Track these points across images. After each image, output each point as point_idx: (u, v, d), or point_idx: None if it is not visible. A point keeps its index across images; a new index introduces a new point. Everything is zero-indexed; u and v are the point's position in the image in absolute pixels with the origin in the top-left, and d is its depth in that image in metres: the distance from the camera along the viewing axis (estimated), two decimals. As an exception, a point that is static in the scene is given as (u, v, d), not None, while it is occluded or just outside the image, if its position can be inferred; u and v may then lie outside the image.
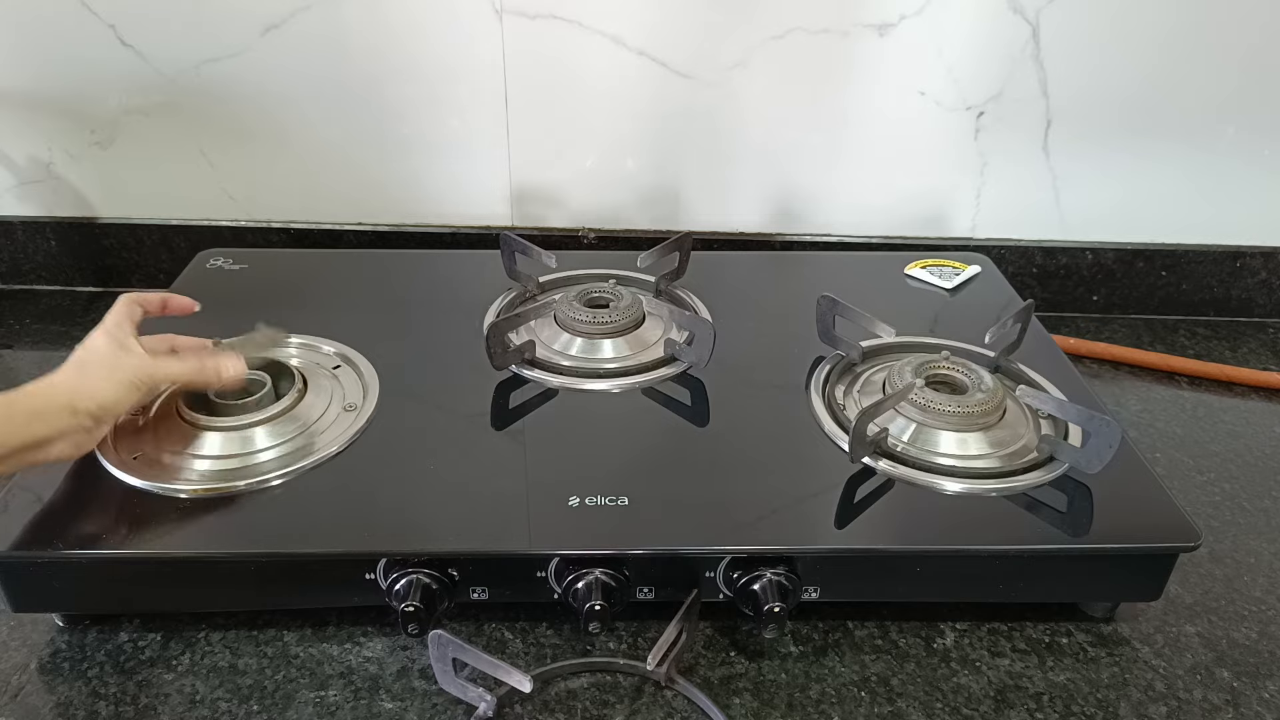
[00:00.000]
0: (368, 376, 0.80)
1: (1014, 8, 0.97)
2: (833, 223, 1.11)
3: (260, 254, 1.04)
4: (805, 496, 0.69)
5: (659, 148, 1.07)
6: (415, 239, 1.11)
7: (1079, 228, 1.10)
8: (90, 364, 0.64)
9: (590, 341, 0.84)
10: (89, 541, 0.63)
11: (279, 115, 1.04)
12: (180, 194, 1.09)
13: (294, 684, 0.64)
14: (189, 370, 0.68)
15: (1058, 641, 0.69)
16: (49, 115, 1.04)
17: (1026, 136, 1.04)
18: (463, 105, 1.03)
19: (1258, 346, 1.08)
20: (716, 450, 0.73)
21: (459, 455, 0.72)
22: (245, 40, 0.99)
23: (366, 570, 0.64)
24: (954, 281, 0.99)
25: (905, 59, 1.00)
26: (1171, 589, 0.72)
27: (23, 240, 1.10)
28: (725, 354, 0.81)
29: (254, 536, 0.64)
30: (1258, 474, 0.86)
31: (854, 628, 0.69)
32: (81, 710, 0.62)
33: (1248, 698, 0.65)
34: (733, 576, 0.64)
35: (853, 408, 0.78)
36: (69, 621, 0.68)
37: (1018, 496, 0.69)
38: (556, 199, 1.10)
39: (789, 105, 1.03)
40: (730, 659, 0.66)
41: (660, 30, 0.99)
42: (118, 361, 0.64)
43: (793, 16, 0.98)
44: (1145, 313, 1.14)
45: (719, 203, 1.10)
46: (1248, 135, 1.03)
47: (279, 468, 0.69)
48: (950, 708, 0.63)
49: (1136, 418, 0.94)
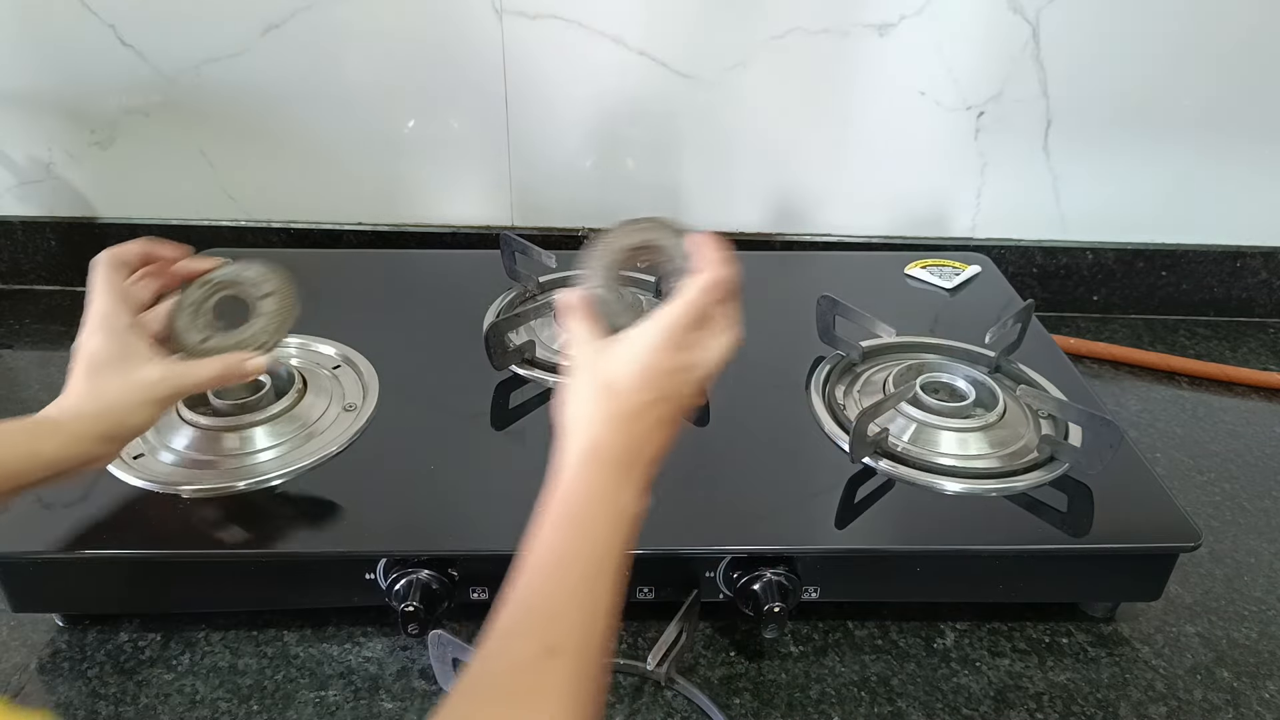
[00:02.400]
0: (368, 376, 0.80)
1: (1014, 8, 0.97)
2: (833, 223, 1.11)
3: (260, 254, 1.03)
4: (805, 496, 0.69)
5: (659, 148, 1.06)
6: (415, 239, 1.11)
7: (1079, 228, 1.10)
8: (102, 374, 0.59)
9: (590, 341, 0.84)
10: (89, 541, 0.63)
11: (279, 115, 1.04)
12: (180, 194, 1.09)
13: (294, 684, 0.64)
14: (215, 375, 0.63)
15: (1058, 641, 0.68)
16: (49, 115, 1.04)
17: (1026, 136, 1.04)
18: (463, 105, 1.03)
19: (1258, 346, 1.08)
20: (716, 450, 0.73)
21: (459, 455, 0.72)
22: (245, 40, 0.99)
23: (366, 570, 0.64)
24: (954, 281, 0.99)
25: (905, 59, 1.00)
26: (1171, 589, 0.72)
27: (23, 240, 1.10)
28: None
29: (254, 536, 0.64)
30: (1258, 474, 0.86)
31: (854, 628, 0.69)
32: (81, 710, 0.62)
33: (1248, 698, 0.65)
34: (733, 576, 0.64)
35: (853, 408, 0.78)
36: (69, 621, 0.68)
37: (1018, 496, 0.69)
38: (556, 199, 1.10)
39: (789, 105, 1.03)
40: (730, 659, 0.66)
41: (660, 30, 0.99)
42: (134, 375, 0.59)
43: (793, 16, 0.98)
44: (1145, 313, 1.14)
45: (719, 203, 1.10)
46: (1247, 135, 1.03)
47: (279, 468, 0.69)
48: (950, 708, 0.63)
49: (1136, 418, 0.94)
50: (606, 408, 0.50)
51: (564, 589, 0.45)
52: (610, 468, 0.49)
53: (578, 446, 0.50)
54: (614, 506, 0.48)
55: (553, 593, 0.45)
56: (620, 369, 0.51)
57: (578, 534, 0.47)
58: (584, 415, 0.51)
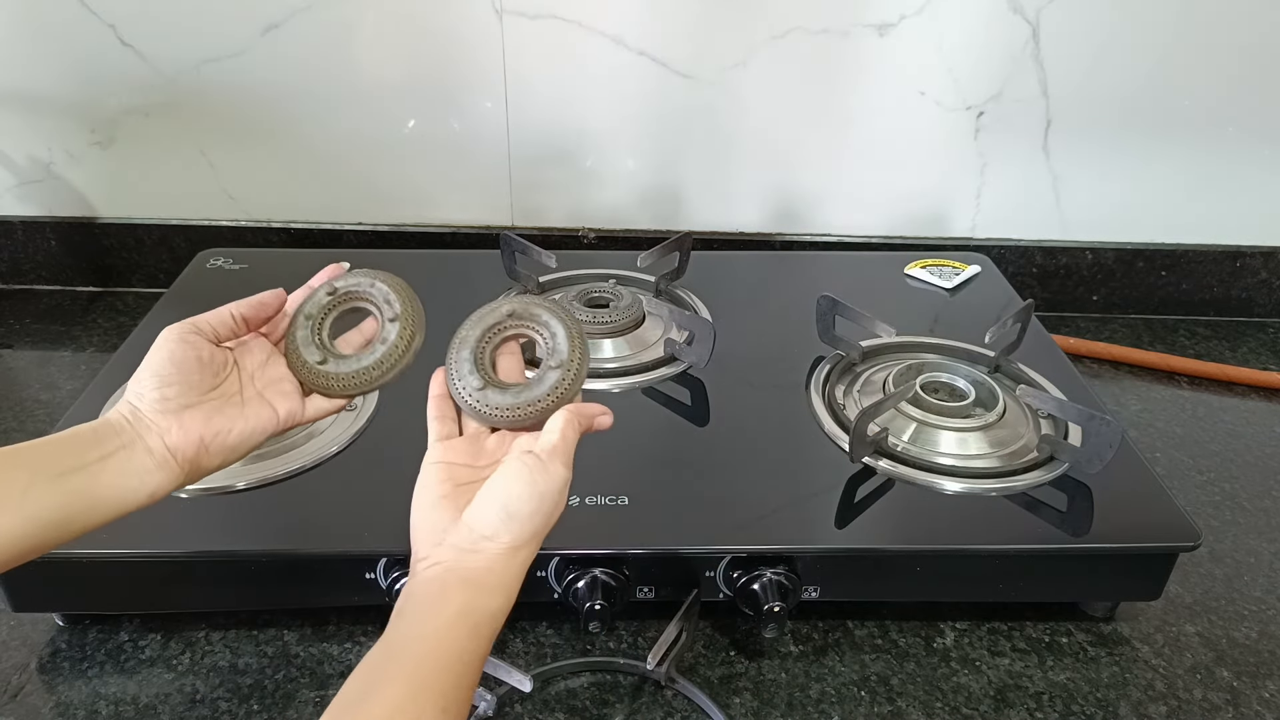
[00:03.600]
0: (368, 376, 0.80)
1: (1014, 8, 0.97)
2: (833, 223, 1.11)
3: (260, 254, 1.04)
4: (805, 496, 0.69)
5: (659, 147, 1.07)
6: (415, 239, 1.11)
7: (1079, 228, 1.10)
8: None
9: (590, 341, 0.84)
10: (89, 541, 0.62)
11: (279, 115, 1.04)
12: (180, 194, 1.09)
13: (294, 684, 0.64)
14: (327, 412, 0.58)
15: (1058, 641, 0.69)
16: (49, 115, 1.04)
17: (1026, 136, 1.04)
18: (463, 105, 1.03)
19: (1258, 346, 1.08)
20: (716, 450, 0.73)
21: (459, 455, 0.72)
22: (245, 40, 0.99)
23: (366, 570, 0.64)
24: (954, 281, 0.99)
25: (905, 59, 1.00)
26: (1171, 589, 0.72)
27: (23, 240, 1.10)
28: (725, 354, 0.81)
29: (254, 536, 0.64)
30: (1258, 474, 0.86)
31: (854, 627, 0.69)
32: (81, 710, 0.62)
33: (1248, 697, 0.65)
34: (733, 576, 0.64)
35: (853, 408, 0.78)
36: (69, 621, 0.68)
37: (1018, 496, 0.69)
38: (556, 199, 1.10)
39: (789, 105, 1.03)
40: (730, 659, 0.66)
41: (660, 30, 0.99)
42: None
43: (793, 16, 0.98)
44: (1145, 313, 1.14)
45: (719, 202, 1.10)
46: (1247, 135, 1.03)
47: (279, 467, 0.69)
48: (950, 707, 0.63)
49: (1136, 418, 0.94)
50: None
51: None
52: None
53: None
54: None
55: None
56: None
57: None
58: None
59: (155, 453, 0.50)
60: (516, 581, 0.49)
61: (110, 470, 0.49)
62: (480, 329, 0.57)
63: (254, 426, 0.53)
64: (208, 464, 0.52)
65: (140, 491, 0.50)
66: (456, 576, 0.47)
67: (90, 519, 0.49)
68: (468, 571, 0.47)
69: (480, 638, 0.46)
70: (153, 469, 0.50)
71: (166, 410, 0.51)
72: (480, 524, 0.48)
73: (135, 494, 0.50)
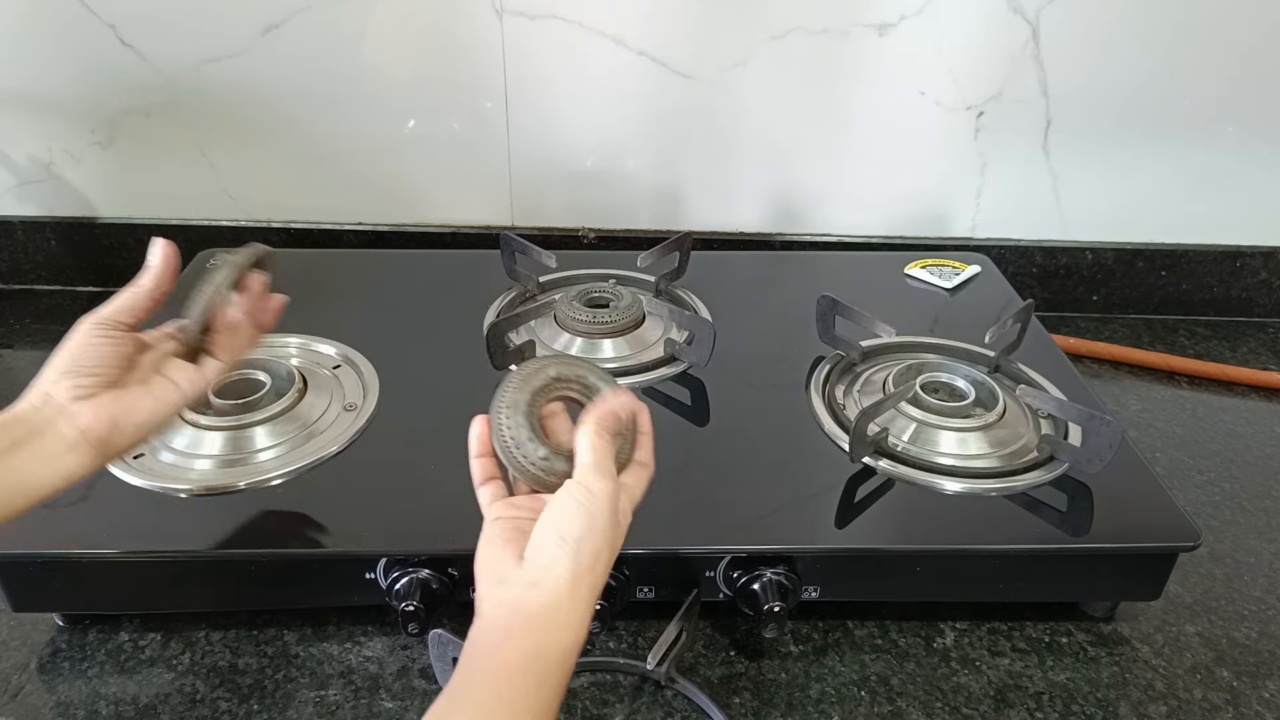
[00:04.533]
0: (368, 376, 0.80)
1: (1014, 8, 0.97)
2: (833, 223, 1.11)
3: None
4: (805, 496, 0.69)
5: (659, 147, 1.07)
6: (415, 239, 1.11)
7: (1079, 228, 1.10)
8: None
9: (590, 341, 0.84)
10: (89, 541, 0.63)
11: (279, 115, 1.04)
12: (180, 194, 1.09)
13: (294, 684, 0.64)
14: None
15: (1058, 641, 0.69)
16: (49, 115, 1.04)
17: (1026, 136, 1.04)
18: (463, 105, 1.03)
19: (1258, 346, 1.08)
20: (716, 450, 0.73)
21: (459, 455, 0.71)
22: (245, 40, 0.99)
23: (366, 570, 0.64)
24: (954, 281, 0.99)
25: (905, 59, 1.00)
26: (1171, 589, 0.72)
27: (23, 240, 1.10)
28: (725, 354, 0.81)
29: (254, 536, 0.64)
30: (1258, 474, 0.86)
31: (854, 627, 0.69)
32: (81, 710, 0.62)
33: (1248, 697, 0.65)
34: (733, 576, 0.64)
35: (853, 408, 0.78)
36: (69, 621, 0.68)
37: (1018, 496, 0.69)
38: (556, 199, 1.10)
39: (789, 105, 1.03)
40: (730, 659, 0.66)
41: (660, 30, 0.99)
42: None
43: (793, 16, 0.98)
44: (1145, 313, 1.14)
45: (719, 202, 1.10)
46: (1247, 135, 1.03)
47: (279, 468, 0.69)
48: (950, 707, 0.63)
49: (1136, 418, 0.94)
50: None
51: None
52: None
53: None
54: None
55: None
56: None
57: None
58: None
59: (66, 436, 0.52)
60: (584, 616, 0.48)
61: (21, 457, 0.51)
62: (528, 393, 0.56)
63: (160, 402, 0.56)
64: (119, 442, 0.54)
65: (55, 476, 0.52)
66: (522, 617, 0.46)
67: (7, 507, 0.51)
68: (531, 609, 0.46)
69: (548, 685, 0.46)
70: (63, 452, 0.52)
71: (80, 397, 0.53)
72: (538, 555, 0.48)
73: (50, 479, 0.52)
